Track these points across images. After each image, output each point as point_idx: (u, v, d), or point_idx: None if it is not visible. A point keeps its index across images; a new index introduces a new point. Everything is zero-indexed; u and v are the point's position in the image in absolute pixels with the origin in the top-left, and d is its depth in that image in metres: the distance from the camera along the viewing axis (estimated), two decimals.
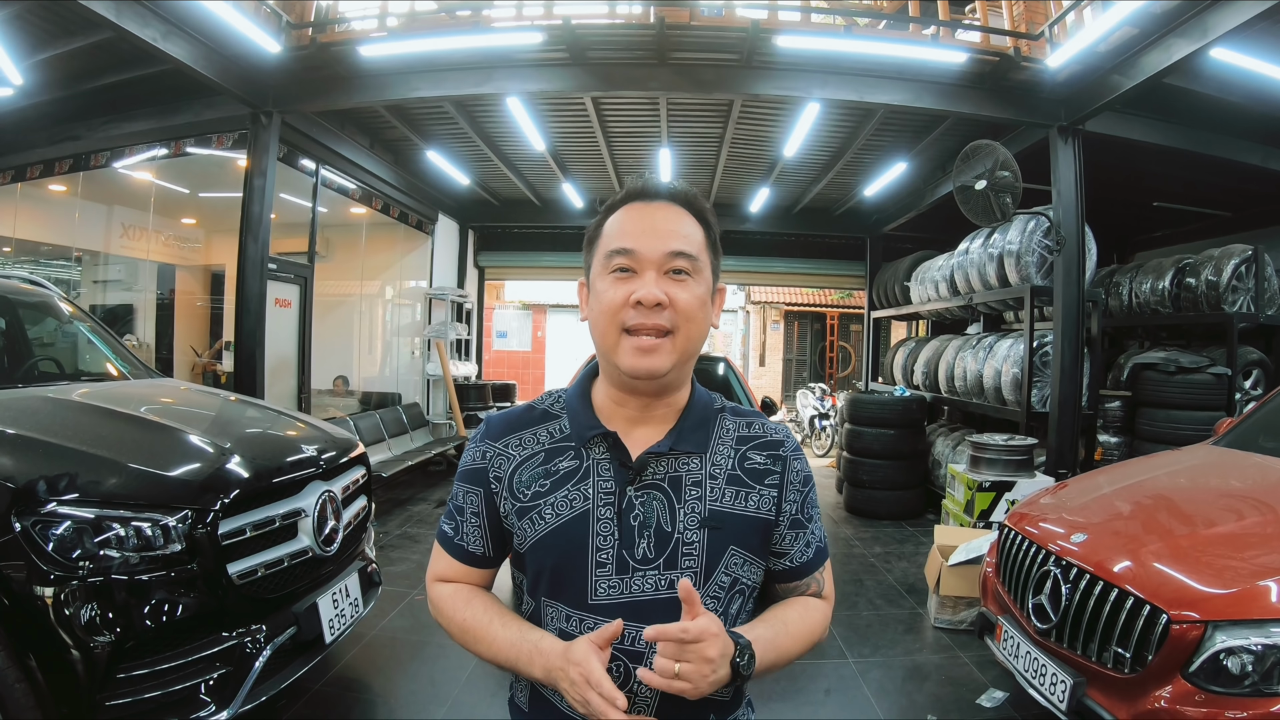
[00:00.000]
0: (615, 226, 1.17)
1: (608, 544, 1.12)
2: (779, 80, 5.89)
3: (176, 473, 2.63)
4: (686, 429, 1.19)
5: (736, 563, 1.17)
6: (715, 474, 1.18)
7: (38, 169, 7.20)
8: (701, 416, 1.22)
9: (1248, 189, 7.38)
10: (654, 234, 1.13)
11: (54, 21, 5.20)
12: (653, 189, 1.18)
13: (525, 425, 1.23)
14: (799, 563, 1.26)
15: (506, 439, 1.22)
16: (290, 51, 5.56)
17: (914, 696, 3.71)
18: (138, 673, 2.32)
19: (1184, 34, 4.50)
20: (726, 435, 1.23)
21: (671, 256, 1.12)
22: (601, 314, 1.13)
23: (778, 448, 1.24)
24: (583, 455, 1.17)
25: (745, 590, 1.20)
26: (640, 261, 1.11)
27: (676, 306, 1.11)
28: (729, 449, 1.21)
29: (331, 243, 9.50)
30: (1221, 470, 3.47)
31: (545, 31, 5.41)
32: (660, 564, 1.12)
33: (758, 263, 12.44)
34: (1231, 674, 2.18)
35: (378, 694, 3.63)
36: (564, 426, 1.21)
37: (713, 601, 1.14)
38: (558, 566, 1.13)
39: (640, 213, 1.16)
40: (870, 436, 7.60)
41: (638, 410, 1.19)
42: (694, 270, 1.14)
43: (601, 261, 1.16)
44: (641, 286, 1.10)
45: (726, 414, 1.26)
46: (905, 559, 5.96)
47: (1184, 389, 6.17)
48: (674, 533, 1.13)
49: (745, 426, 1.25)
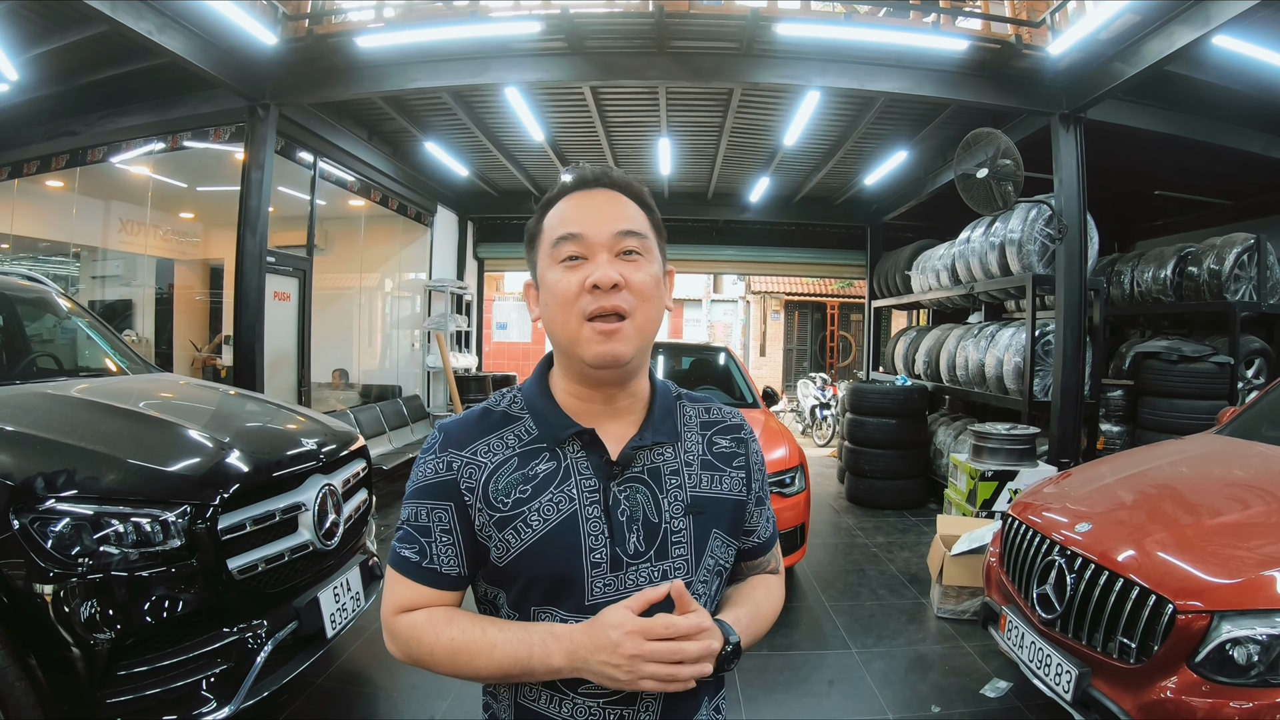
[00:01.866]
0: (557, 217, 1.13)
1: (600, 542, 1.10)
2: (779, 69, 5.85)
3: (176, 468, 2.62)
4: (656, 419, 1.18)
5: (718, 546, 1.18)
6: (690, 461, 1.19)
7: (34, 165, 7.17)
8: (666, 406, 1.21)
9: (1250, 177, 7.35)
10: (599, 217, 1.10)
11: (49, 16, 5.16)
12: (590, 177, 1.16)
13: (489, 430, 1.16)
14: (764, 539, 1.31)
15: (473, 446, 1.14)
16: (287, 43, 5.53)
17: (917, 687, 3.71)
18: (139, 669, 2.31)
19: (1186, 21, 4.47)
20: (690, 422, 1.24)
21: (621, 236, 1.09)
22: (557, 306, 1.09)
23: (739, 430, 1.27)
24: (559, 455, 1.13)
25: (723, 572, 1.21)
26: (589, 246, 1.08)
27: (632, 287, 1.08)
28: (696, 435, 1.22)
29: (330, 235, 9.48)
30: (1225, 459, 3.46)
31: (543, 21, 5.38)
32: (652, 556, 1.11)
33: (758, 252, 12.42)
34: (1237, 664, 2.17)
35: (380, 688, 3.63)
36: (529, 428, 1.16)
37: (703, 586, 1.14)
38: (552, 572, 1.09)
39: (581, 200, 1.14)
40: (872, 426, 7.60)
41: (602, 404, 1.17)
42: (644, 250, 1.12)
43: (548, 253, 1.12)
44: (595, 269, 1.07)
45: (684, 401, 1.26)
46: (907, 549, 5.96)
47: (1186, 378, 6.16)
48: (661, 523, 1.12)
49: (705, 412, 1.27)
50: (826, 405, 12.19)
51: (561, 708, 1.10)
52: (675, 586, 1.01)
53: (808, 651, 4.07)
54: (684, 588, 1.01)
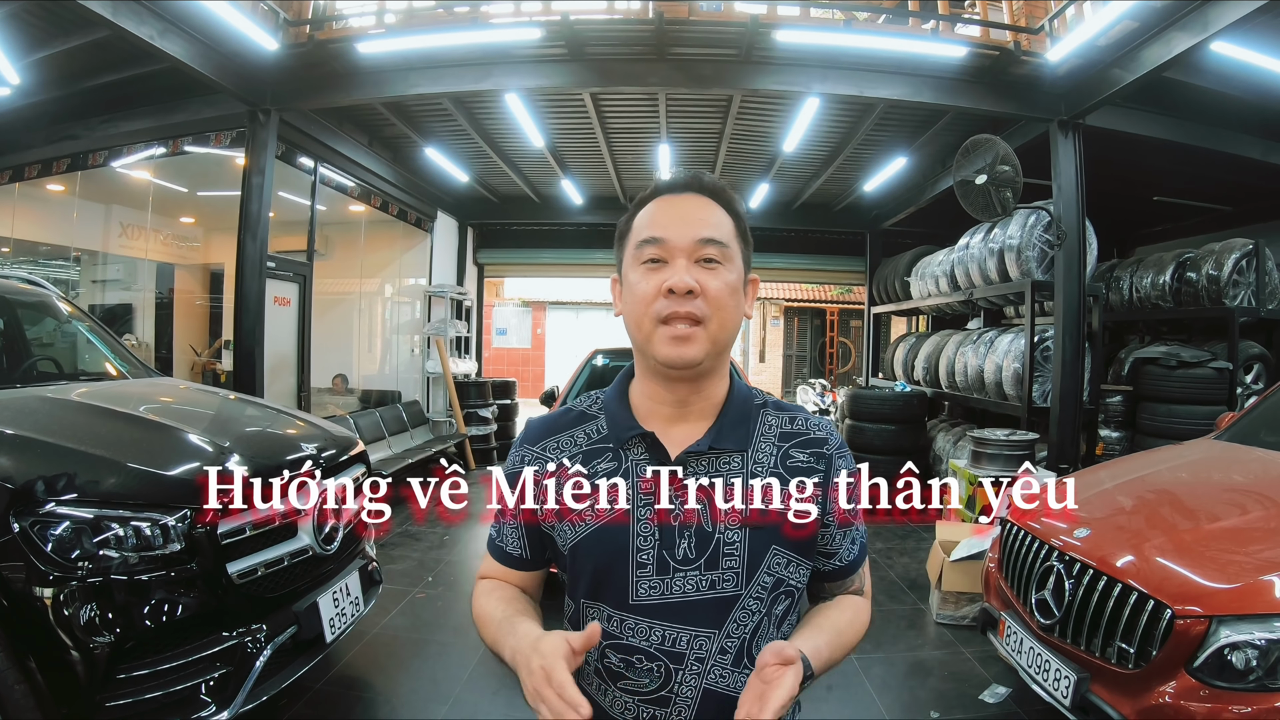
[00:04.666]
0: (645, 219, 1.16)
1: (648, 544, 1.12)
2: (778, 75, 5.87)
3: (175, 472, 2.62)
4: (726, 426, 1.17)
5: (779, 562, 1.14)
6: (757, 472, 1.15)
7: (35, 169, 7.17)
8: (742, 413, 1.20)
9: (1248, 183, 7.36)
10: (683, 222, 1.13)
11: (50, 20, 5.18)
12: (681, 181, 1.19)
13: (563, 428, 1.23)
14: (846, 561, 1.25)
15: (544, 442, 1.22)
16: (288, 49, 5.53)
17: (916, 692, 3.71)
18: (138, 673, 2.31)
19: (1184, 27, 4.48)
20: (769, 432, 1.20)
21: (701, 244, 1.11)
22: (635, 305, 1.13)
23: (821, 445, 1.21)
24: (621, 456, 1.16)
25: (793, 591, 1.17)
26: (670, 250, 1.11)
27: (708, 294, 1.10)
28: (771, 446, 1.18)
29: (330, 240, 9.48)
30: (1224, 465, 3.47)
31: (544, 27, 5.39)
32: (701, 564, 1.11)
33: (757, 258, 11.64)
34: (1236, 669, 2.17)
35: (379, 693, 3.62)
36: (602, 427, 1.21)
37: (755, 602, 1.13)
38: (599, 568, 1.13)
39: (669, 204, 1.16)
40: (871, 432, 7.60)
41: (675, 407, 1.18)
42: (724, 258, 1.13)
43: (632, 253, 1.15)
44: (673, 274, 1.09)
45: (769, 409, 1.23)
46: (906, 554, 5.95)
47: (1185, 383, 6.16)
48: (714, 533, 1.12)
49: (788, 422, 1.22)
50: (826, 412, 12.19)
51: (605, 696, 1.14)
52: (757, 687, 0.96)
53: None
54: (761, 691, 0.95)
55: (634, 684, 1.11)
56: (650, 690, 1.11)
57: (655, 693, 1.11)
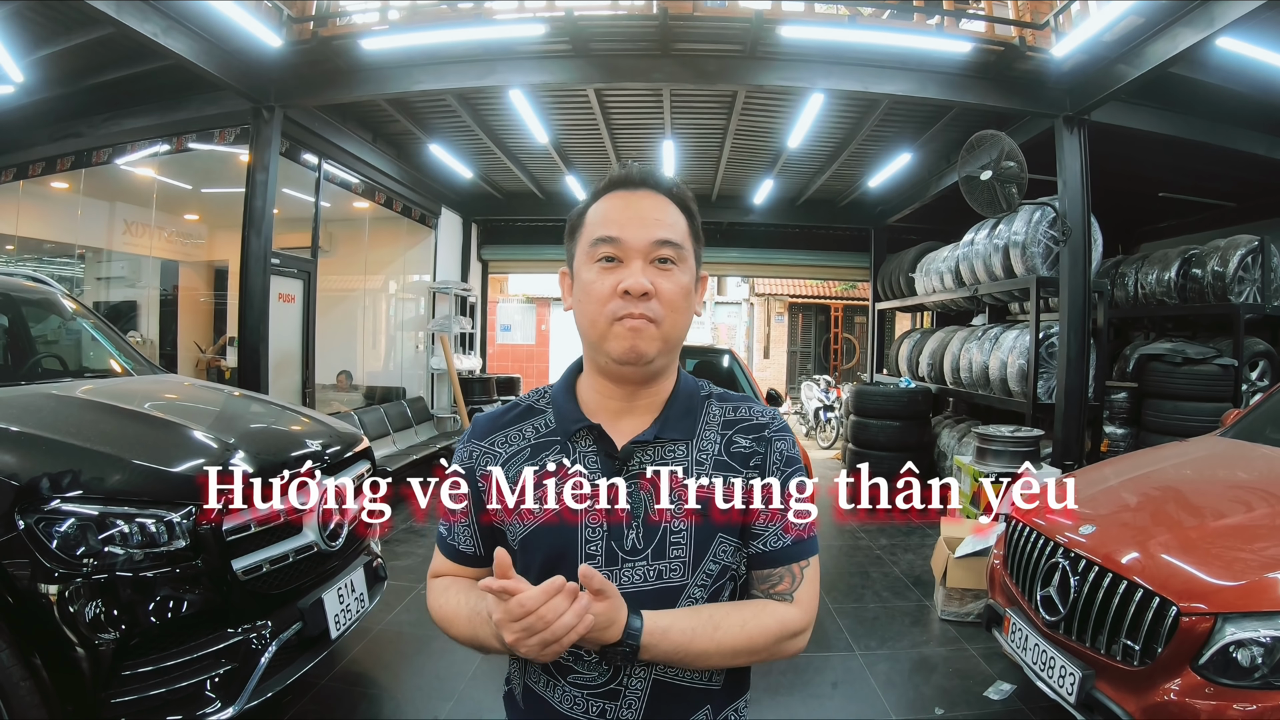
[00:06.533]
0: (599, 214, 1.15)
1: (597, 535, 1.12)
2: (783, 71, 5.86)
3: (180, 468, 2.62)
4: (672, 416, 1.18)
5: (725, 550, 1.15)
6: (702, 460, 1.16)
7: (40, 166, 7.20)
8: (687, 405, 1.20)
9: (1254, 179, 7.33)
10: (639, 222, 1.12)
11: (54, 18, 5.19)
12: (637, 177, 1.17)
13: (510, 423, 1.23)
14: (772, 548, 1.16)
15: (491, 437, 1.22)
16: (291, 46, 5.53)
17: (921, 689, 3.71)
18: (143, 670, 2.32)
19: (1190, 23, 4.46)
20: (713, 420, 1.20)
21: (657, 245, 1.11)
22: (589, 304, 1.12)
23: (762, 429, 1.20)
24: (569, 449, 1.16)
25: (736, 578, 1.18)
26: (626, 250, 1.11)
27: (662, 296, 1.10)
28: (715, 434, 1.19)
29: (334, 237, 9.48)
30: (1229, 462, 3.46)
31: (548, 23, 5.38)
32: (649, 554, 1.12)
33: (762, 255, 12.41)
34: (1241, 666, 2.17)
35: (383, 689, 3.64)
36: (549, 421, 1.21)
37: (700, 590, 1.13)
38: (548, 560, 1.12)
39: (624, 200, 1.15)
40: (876, 428, 7.60)
41: (623, 401, 1.18)
42: (679, 259, 1.13)
43: (586, 250, 1.14)
44: (628, 275, 1.09)
45: (713, 400, 1.24)
46: (911, 551, 5.95)
47: (1190, 380, 6.15)
48: (661, 522, 1.12)
49: (732, 411, 1.22)
50: (830, 408, 12.16)
51: (554, 692, 1.15)
52: (582, 570, 0.99)
53: (811, 653, 4.05)
54: (591, 570, 1.00)
55: (583, 677, 1.12)
56: (600, 684, 1.12)
57: (605, 686, 1.12)
